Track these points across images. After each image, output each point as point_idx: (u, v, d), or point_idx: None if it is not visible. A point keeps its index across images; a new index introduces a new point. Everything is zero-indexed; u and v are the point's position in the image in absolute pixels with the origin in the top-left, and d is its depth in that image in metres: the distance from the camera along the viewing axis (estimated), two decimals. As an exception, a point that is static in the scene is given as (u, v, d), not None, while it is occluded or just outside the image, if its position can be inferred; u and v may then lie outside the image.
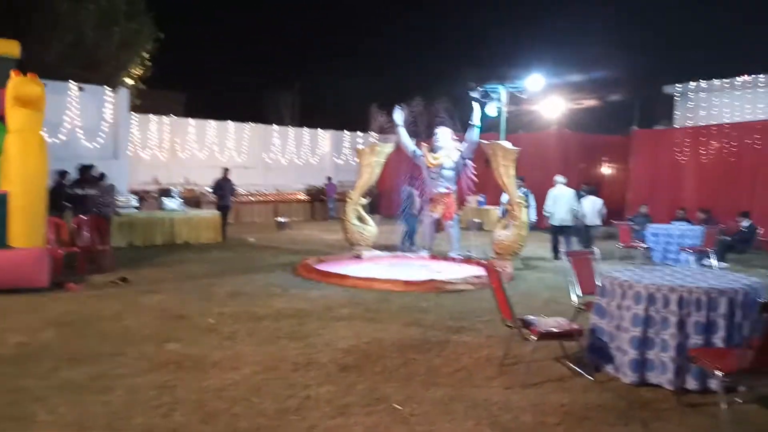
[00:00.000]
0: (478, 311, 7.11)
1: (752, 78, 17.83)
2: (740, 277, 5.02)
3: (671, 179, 16.56)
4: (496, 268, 5.41)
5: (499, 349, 5.38)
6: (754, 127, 15.42)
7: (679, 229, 11.91)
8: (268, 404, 4.22)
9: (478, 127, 10.89)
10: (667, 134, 17.84)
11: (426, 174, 11.19)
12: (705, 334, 4.43)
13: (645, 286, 4.66)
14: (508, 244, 10.59)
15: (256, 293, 8.08)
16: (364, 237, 11.28)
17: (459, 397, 4.39)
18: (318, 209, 21.86)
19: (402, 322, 6.60)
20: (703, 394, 4.40)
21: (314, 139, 24.33)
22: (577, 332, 4.82)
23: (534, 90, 15.98)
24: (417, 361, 5.23)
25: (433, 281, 8.50)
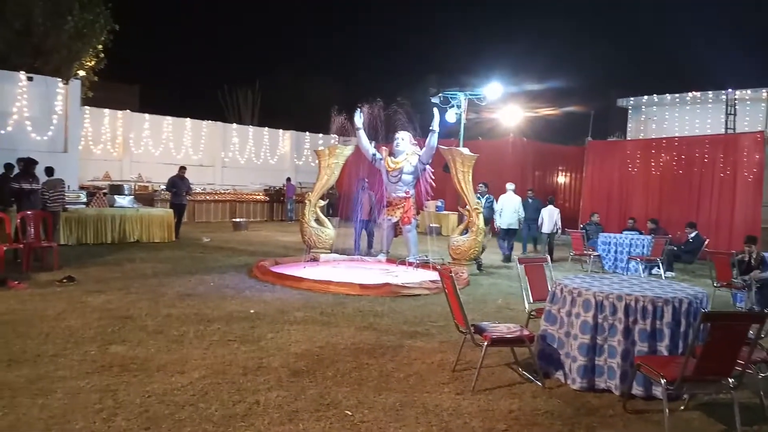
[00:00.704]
0: (433, 316, 7.13)
1: (701, 94, 18.53)
2: (685, 286, 5.17)
3: (623, 189, 17.03)
4: (450, 273, 5.43)
5: (452, 354, 5.40)
6: (702, 141, 16.02)
7: (629, 239, 12.25)
8: (214, 410, 4.11)
9: (437, 133, 10.94)
10: (620, 146, 18.35)
11: (385, 178, 11.18)
12: (650, 341, 4.55)
13: (594, 293, 4.75)
14: (464, 250, 10.69)
15: (208, 295, 7.90)
16: (321, 240, 11.20)
17: (410, 402, 4.37)
18: (276, 210, 21.62)
19: (356, 326, 6.56)
20: (648, 401, 4.51)
21: (274, 139, 24.07)
22: (527, 338, 4.87)
23: (493, 98, 16.19)
24: (370, 365, 5.20)
25: (389, 285, 8.49)
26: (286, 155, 24.32)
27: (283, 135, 24.43)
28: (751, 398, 4.49)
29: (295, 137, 24.52)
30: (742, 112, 17.32)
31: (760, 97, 17.21)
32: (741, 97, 17.41)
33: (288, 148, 24.36)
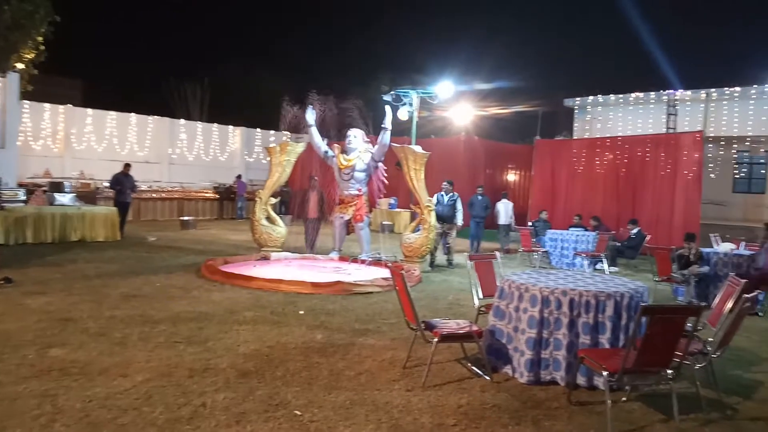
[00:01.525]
0: (385, 313, 7.14)
1: (644, 95, 19.19)
2: (626, 281, 5.34)
3: (569, 187, 17.50)
4: (401, 270, 5.45)
5: (403, 351, 5.41)
6: (645, 141, 16.61)
7: (574, 235, 12.60)
8: (158, 413, 4.00)
9: (389, 130, 10.96)
10: (566, 145, 18.84)
11: (337, 175, 11.13)
12: (593, 334, 4.69)
13: (540, 289, 4.86)
14: (416, 247, 10.75)
15: (154, 295, 7.69)
16: (272, 238, 11.06)
17: (361, 400, 4.37)
18: (226, 208, 21.25)
19: (307, 325, 6.51)
20: (591, 393, 4.64)
21: (224, 136, 23.64)
22: (476, 334, 4.93)
23: (444, 96, 16.35)
24: (320, 364, 5.16)
25: (341, 283, 8.46)
26: (237, 152, 23.93)
27: (234, 131, 24.02)
28: (688, 388, 4.67)
29: (245, 134, 24.14)
30: (683, 113, 18.05)
31: (699, 98, 17.97)
32: (681, 97, 18.13)
33: (238, 144, 23.97)
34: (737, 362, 5.70)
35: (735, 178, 20.52)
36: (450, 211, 11.71)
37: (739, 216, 19.53)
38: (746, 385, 5.02)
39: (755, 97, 17.19)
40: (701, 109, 17.88)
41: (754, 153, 19.83)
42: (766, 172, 19.94)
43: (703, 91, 17.91)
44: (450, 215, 11.72)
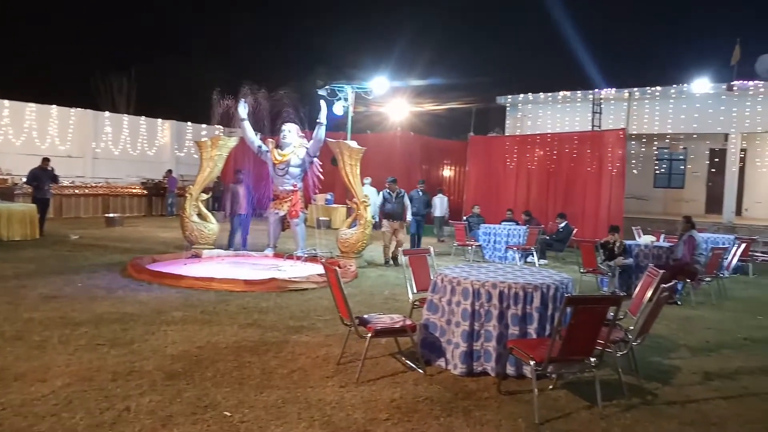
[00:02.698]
0: (320, 310, 7.09)
1: (571, 93, 19.86)
2: (553, 273, 5.51)
3: (502, 183, 17.93)
4: (335, 266, 5.41)
5: (337, 347, 5.38)
6: (572, 138, 17.22)
7: (506, 229, 12.92)
8: (79, 419, 3.81)
9: (324, 125, 10.87)
10: (499, 141, 19.28)
11: (272, 171, 10.94)
12: (521, 325, 4.81)
13: (472, 282, 4.94)
14: (353, 243, 10.74)
15: (75, 296, 7.32)
16: (204, 235, 10.76)
17: (293, 399, 4.30)
18: (156, 204, 20.52)
19: (240, 323, 6.37)
20: (520, 382, 4.76)
21: (152, 129, 22.80)
22: (410, 328, 4.96)
23: (380, 92, 16.38)
24: (252, 364, 5.06)
25: (275, 280, 8.33)
26: (166, 146, 23.13)
27: (163, 125, 23.21)
28: (611, 375, 4.86)
29: (175, 127, 23.37)
30: (607, 111, 18.80)
31: (623, 97, 18.76)
32: (606, 96, 18.88)
33: (168, 138, 23.18)
34: (657, 349, 5.99)
35: (656, 174, 21.62)
36: (400, 207, 11.42)
37: (660, 210, 20.60)
38: (665, 371, 5.29)
39: (675, 96, 18.12)
40: (624, 108, 18.68)
41: (674, 150, 20.95)
42: (684, 168, 21.11)
43: (627, 91, 18.71)
44: (400, 212, 11.41)
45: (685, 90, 17.81)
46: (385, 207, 11.43)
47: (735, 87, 16.75)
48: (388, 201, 11.42)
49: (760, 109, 16.85)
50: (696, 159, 20.70)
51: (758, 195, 19.38)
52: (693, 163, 20.82)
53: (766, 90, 16.60)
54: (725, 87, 16.89)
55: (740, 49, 17.20)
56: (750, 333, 6.92)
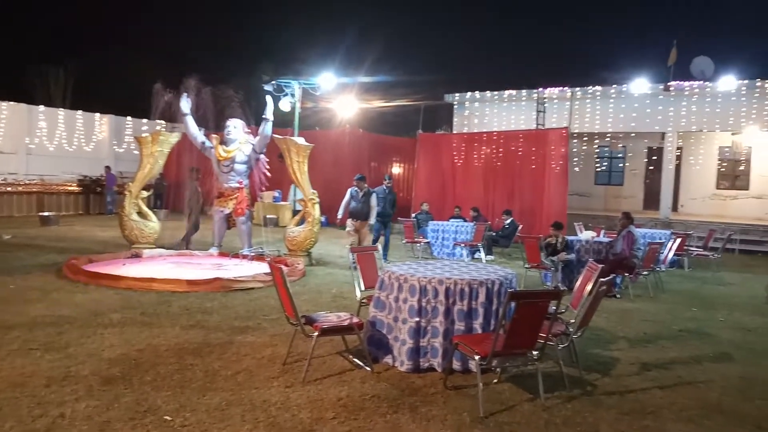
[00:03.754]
0: (266, 309, 6.97)
1: (516, 92, 20.25)
2: (498, 268, 5.59)
3: (450, 180, 18.12)
4: (281, 265, 5.32)
5: (284, 347, 5.30)
6: (517, 136, 17.57)
7: (454, 226, 13.06)
8: (9, 427, 3.62)
9: (271, 121, 10.70)
10: (447, 139, 19.48)
11: (216, 167, 10.70)
12: (467, 320, 4.86)
13: (418, 279, 4.95)
14: (300, 241, 10.62)
15: (7, 299, 6.97)
16: (144, 234, 10.44)
17: (237, 401, 4.21)
18: (94, 202, 19.76)
19: (182, 325, 6.19)
20: (466, 376, 4.81)
21: (90, 124, 21.92)
22: (357, 326, 4.93)
23: (327, 88, 16.26)
24: (195, 366, 4.92)
25: (219, 280, 8.14)
26: (105, 142, 22.30)
27: (101, 119, 22.35)
28: (553, 367, 4.97)
29: (114, 122, 22.54)
30: (551, 110, 19.27)
31: (566, 96, 19.26)
32: (549, 95, 19.34)
33: (106, 133, 22.35)
34: (597, 341, 6.17)
35: (597, 171, 22.31)
36: (364, 207, 10.54)
37: (600, 206, 21.28)
38: (604, 362, 5.45)
39: (614, 96, 18.73)
40: (567, 107, 19.19)
41: (614, 148, 21.67)
42: (623, 166, 21.87)
43: (569, 90, 19.21)
44: (365, 212, 10.55)
45: (624, 90, 18.43)
46: (351, 207, 10.70)
47: (671, 87, 17.45)
48: (354, 199, 10.62)
49: (695, 108, 17.61)
50: (634, 157, 21.48)
51: (693, 192, 20.29)
52: (632, 161, 21.60)
53: (701, 90, 17.37)
54: (662, 87, 17.57)
55: (677, 50, 17.93)
56: (685, 324, 7.22)
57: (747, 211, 18.98)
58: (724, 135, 18.98)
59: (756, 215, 18.61)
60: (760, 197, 19.16)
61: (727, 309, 8.24)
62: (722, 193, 19.91)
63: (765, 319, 7.62)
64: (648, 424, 4.07)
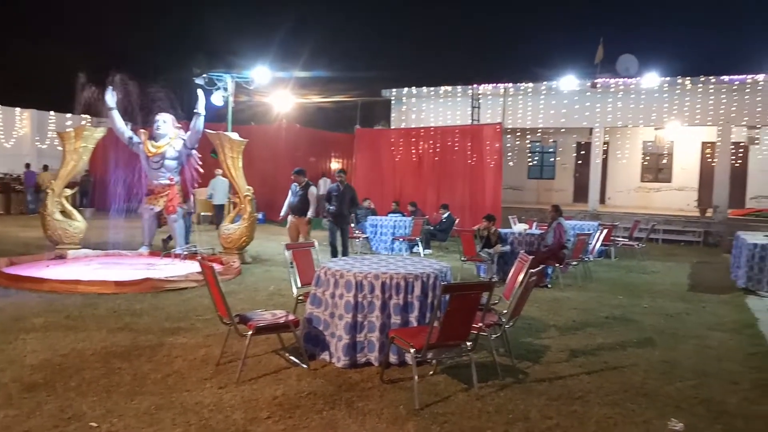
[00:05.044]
0: (200, 309, 6.80)
1: (452, 88, 20.54)
2: (433, 262, 5.65)
3: (388, 175, 18.21)
4: (213, 263, 5.20)
5: (217, 348, 5.17)
6: (453, 131, 17.84)
7: (393, 221, 13.13)
8: None
9: (203, 116, 10.41)
10: (385, 134, 19.56)
11: (145, 164, 10.32)
12: (403, 314, 4.89)
13: (354, 274, 4.94)
14: (236, 238, 10.41)
15: None
16: (69, 234, 9.97)
17: (167, 404, 4.08)
18: (14, 202, 18.69)
19: (109, 328, 5.95)
20: (402, 370, 4.84)
21: (9, 119, 20.74)
22: (292, 323, 4.88)
23: (262, 82, 15.97)
24: (123, 370, 4.74)
25: (149, 280, 7.87)
26: (26, 138, 21.14)
27: (21, 114, 21.17)
28: (487, 357, 5.09)
29: (36, 117, 21.40)
30: (485, 106, 19.65)
31: (499, 93, 19.68)
32: (484, 91, 19.72)
33: (28, 129, 21.19)
34: (528, 330, 6.36)
35: (529, 166, 22.98)
36: (301, 202, 10.00)
37: (533, 199, 21.94)
38: (535, 350, 5.62)
39: (545, 93, 19.29)
40: (500, 103, 19.62)
41: (545, 143, 22.35)
42: (554, 161, 22.61)
43: (502, 86, 19.65)
44: (300, 207, 10.02)
45: (554, 87, 19.02)
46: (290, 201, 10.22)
47: (598, 84, 18.14)
48: (293, 194, 10.12)
49: (621, 105, 18.38)
50: (564, 152, 22.25)
51: (619, 184, 21.20)
52: (562, 156, 22.36)
53: (626, 87, 18.15)
54: (590, 84, 18.24)
55: (603, 48, 18.64)
56: (611, 312, 7.54)
57: (670, 203, 20.05)
58: (647, 130, 19.92)
59: (678, 206, 19.68)
60: (681, 189, 20.26)
61: (651, 296, 8.66)
62: (646, 186, 20.92)
63: (686, 305, 8.05)
64: (576, 408, 4.22)
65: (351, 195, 10.36)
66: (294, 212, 10.15)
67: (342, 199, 10.22)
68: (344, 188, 10.32)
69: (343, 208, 10.24)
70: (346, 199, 10.23)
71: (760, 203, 18.91)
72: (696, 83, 17.21)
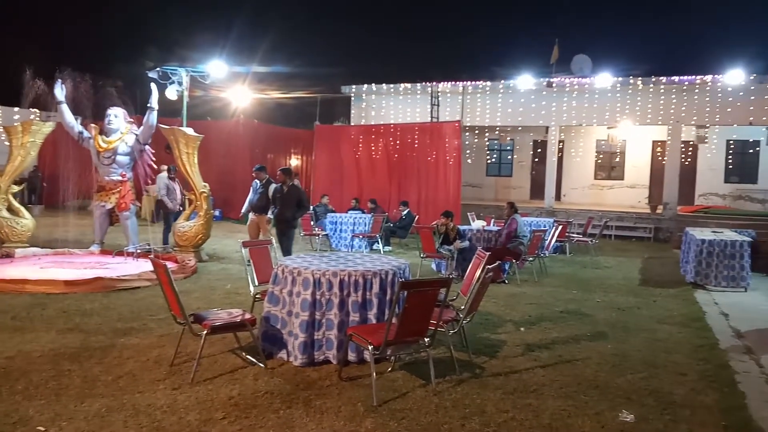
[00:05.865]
0: (154, 309, 6.64)
1: (411, 86, 20.62)
2: (392, 259, 5.66)
3: (348, 171, 18.17)
4: (167, 261, 5.08)
5: (171, 348, 5.06)
6: (413, 128, 17.92)
7: (352, 218, 13.11)
8: None
9: (156, 110, 10.16)
10: (344, 131, 19.51)
11: (96, 159, 10.02)
12: (361, 311, 4.88)
13: (312, 272, 4.90)
14: (191, 236, 10.21)
15: None
16: (16, 232, 9.62)
17: (119, 406, 3.97)
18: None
19: (58, 329, 5.76)
20: (361, 367, 4.84)
21: (-49, 113, 19.80)
22: (249, 322, 4.81)
23: (217, 76, 15.69)
24: (72, 372, 4.59)
25: (101, 279, 7.64)
26: (-30, 132, 20.23)
27: (-35, 108, 20.25)
28: (444, 353, 5.13)
29: (-19, 111, 20.50)
30: (444, 103, 19.81)
31: (458, 91, 19.87)
32: (443, 89, 19.86)
33: (-28, 123, 20.28)
34: (485, 325, 6.44)
35: (488, 163, 23.28)
36: (261, 199, 9.66)
37: (492, 196, 22.23)
38: (492, 345, 5.69)
39: (503, 91, 19.56)
40: (459, 101, 19.80)
41: (503, 141, 22.67)
42: (512, 158, 22.95)
43: (461, 85, 19.83)
44: (261, 204, 9.70)
45: (512, 86, 19.30)
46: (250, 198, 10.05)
47: (554, 84, 18.50)
48: (254, 191, 9.88)
49: (575, 104, 18.79)
50: (522, 149, 22.62)
51: (574, 182, 21.69)
52: (519, 154, 22.73)
53: (580, 87, 18.56)
54: (545, 84, 18.59)
55: (558, 48, 19.02)
56: (566, 306, 7.70)
57: (622, 200, 20.62)
58: (601, 129, 20.42)
59: (630, 203, 20.25)
60: (633, 186, 20.86)
61: (604, 291, 8.90)
62: (600, 183, 21.46)
63: (637, 300, 8.30)
64: (531, 402, 4.29)
65: (298, 197, 9.09)
66: (255, 210, 9.98)
67: (286, 201, 8.96)
68: (289, 189, 9.09)
69: (285, 212, 8.97)
70: (290, 202, 8.96)
71: (708, 200, 19.65)
72: (647, 83, 17.75)
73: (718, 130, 19.22)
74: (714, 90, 17.18)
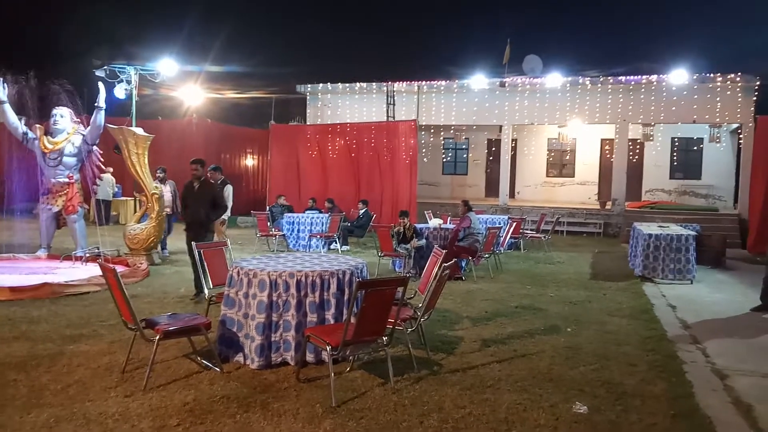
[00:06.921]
0: (103, 315, 6.45)
1: (367, 85, 20.63)
2: (349, 258, 5.65)
3: (304, 171, 18.05)
4: (117, 266, 4.93)
5: (123, 354, 4.92)
6: (369, 128, 17.92)
7: (310, 217, 13.02)
8: None
9: (104, 110, 9.86)
10: (301, 130, 19.35)
11: (42, 161, 9.66)
12: (319, 312, 4.86)
13: (268, 273, 4.85)
14: (143, 239, 9.96)
15: None
16: (-45, 237, 9.14)
17: (68, 416, 3.84)
18: None
19: (3, 337, 5.54)
20: (319, 368, 4.81)
21: None
22: (204, 326, 4.72)
23: (168, 75, 15.33)
24: (18, 382, 4.42)
25: (47, 285, 7.37)
26: None
27: None
28: (403, 351, 5.16)
29: None
30: (400, 103, 19.88)
31: (413, 90, 19.99)
32: (398, 89, 19.94)
33: None
34: (443, 322, 6.50)
35: (443, 162, 23.49)
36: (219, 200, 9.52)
37: (448, 194, 22.45)
38: (449, 342, 5.75)
39: (457, 91, 19.77)
40: (415, 100, 19.91)
41: (458, 140, 22.90)
42: (467, 157, 23.23)
43: (416, 84, 19.95)
44: None
45: (466, 85, 19.53)
46: None
47: (506, 83, 18.81)
48: None
49: (527, 103, 19.16)
50: (476, 148, 22.92)
51: (527, 179, 22.11)
52: (474, 152, 23.03)
53: (532, 86, 18.93)
54: (498, 83, 18.88)
55: (510, 49, 19.35)
56: (520, 301, 7.85)
57: (573, 196, 21.14)
58: (552, 128, 20.87)
59: (581, 200, 20.79)
60: (583, 183, 21.41)
61: (556, 285, 9.10)
62: (552, 180, 21.95)
63: (588, 293, 8.53)
64: (488, 396, 4.36)
65: (212, 195, 7.50)
66: None
67: (198, 200, 7.39)
68: (200, 186, 7.46)
69: (199, 213, 7.38)
70: (203, 202, 7.39)
71: (654, 196, 20.35)
72: (596, 83, 18.25)
73: (663, 128, 19.92)
74: (659, 89, 17.80)
